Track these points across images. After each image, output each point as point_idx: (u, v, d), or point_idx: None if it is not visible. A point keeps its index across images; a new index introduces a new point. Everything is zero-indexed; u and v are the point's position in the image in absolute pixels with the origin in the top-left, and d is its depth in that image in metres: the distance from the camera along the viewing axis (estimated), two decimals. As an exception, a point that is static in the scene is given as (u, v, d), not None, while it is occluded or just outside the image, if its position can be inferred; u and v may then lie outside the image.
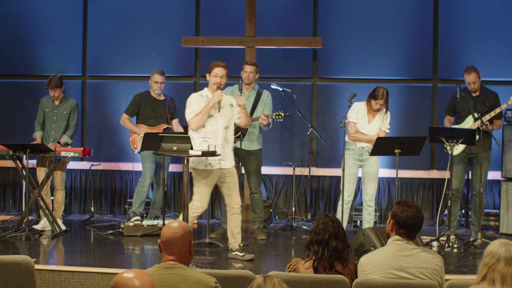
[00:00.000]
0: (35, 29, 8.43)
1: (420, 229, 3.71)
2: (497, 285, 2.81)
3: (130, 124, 7.44)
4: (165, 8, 8.32)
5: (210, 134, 5.71)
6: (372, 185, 6.52)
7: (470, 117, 6.74)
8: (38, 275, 4.86)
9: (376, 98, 6.44)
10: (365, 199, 6.56)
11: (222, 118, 5.75)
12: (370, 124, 6.54)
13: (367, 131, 6.51)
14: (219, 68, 5.78)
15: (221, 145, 5.70)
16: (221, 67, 5.80)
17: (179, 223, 3.24)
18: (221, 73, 5.77)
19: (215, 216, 8.20)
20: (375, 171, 6.54)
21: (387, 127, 6.60)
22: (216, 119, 5.74)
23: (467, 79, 6.78)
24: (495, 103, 6.79)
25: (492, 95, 6.87)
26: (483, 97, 6.81)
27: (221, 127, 5.74)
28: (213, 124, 5.73)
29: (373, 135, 6.51)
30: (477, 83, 6.78)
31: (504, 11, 7.87)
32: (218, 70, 5.78)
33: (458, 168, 6.72)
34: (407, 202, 3.68)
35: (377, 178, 6.58)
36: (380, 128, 6.56)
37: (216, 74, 5.76)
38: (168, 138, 5.61)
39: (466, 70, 6.80)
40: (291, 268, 3.84)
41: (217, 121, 5.74)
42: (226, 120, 5.77)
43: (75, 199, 8.45)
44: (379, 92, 6.44)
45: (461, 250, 6.29)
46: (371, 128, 6.53)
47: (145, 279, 2.48)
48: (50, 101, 7.30)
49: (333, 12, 8.13)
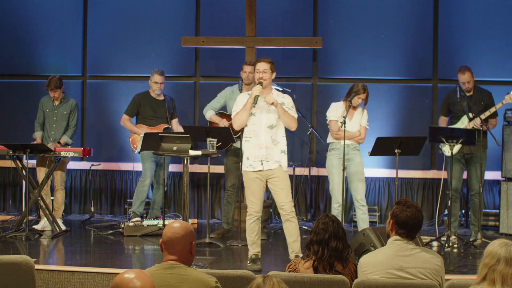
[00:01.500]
0: (35, 29, 8.43)
1: (420, 229, 3.71)
2: (497, 285, 2.80)
3: (131, 124, 7.44)
4: (165, 8, 8.32)
5: (252, 134, 5.48)
6: (360, 184, 6.52)
7: (465, 117, 6.73)
8: (38, 275, 4.86)
9: (358, 93, 6.46)
10: (357, 199, 6.52)
11: (266, 117, 5.46)
12: (350, 121, 6.57)
13: (349, 128, 6.53)
14: (259, 63, 5.47)
15: (264, 145, 5.43)
16: (262, 62, 5.47)
17: (180, 223, 3.24)
18: (262, 68, 5.45)
19: (215, 216, 8.20)
20: (362, 170, 6.55)
21: (366, 124, 6.64)
22: (259, 117, 5.47)
23: (461, 78, 6.77)
24: (489, 102, 6.79)
25: (486, 94, 6.87)
26: (477, 97, 6.81)
27: (264, 126, 5.45)
28: (255, 123, 5.47)
29: (355, 131, 6.55)
30: (471, 83, 6.78)
31: (504, 11, 7.87)
32: (259, 65, 5.46)
33: (456, 168, 6.72)
34: (406, 202, 3.68)
35: (364, 178, 6.59)
36: (361, 125, 6.59)
37: (257, 70, 5.47)
38: (168, 138, 5.61)
39: (460, 70, 6.80)
40: (291, 268, 3.85)
41: (260, 120, 5.46)
42: (271, 119, 5.46)
43: (75, 199, 8.45)
44: (359, 87, 6.47)
45: (461, 250, 6.29)
46: (352, 125, 6.57)
47: (146, 280, 2.48)
48: (50, 101, 7.30)
49: (333, 12, 8.13)
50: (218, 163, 7.82)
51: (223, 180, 7.87)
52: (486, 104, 6.76)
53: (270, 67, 5.46)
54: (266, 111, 5.46)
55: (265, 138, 5.44)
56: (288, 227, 5.46)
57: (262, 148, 5.42)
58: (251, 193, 5.48)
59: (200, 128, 6.71)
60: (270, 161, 5.44)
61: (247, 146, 5.49)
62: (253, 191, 5.47)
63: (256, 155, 5.44)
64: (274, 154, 5.45)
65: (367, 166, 6.80)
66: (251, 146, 5.46)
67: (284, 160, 5.50)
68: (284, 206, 5.45)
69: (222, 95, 7.14)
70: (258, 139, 5.43)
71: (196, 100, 8.31)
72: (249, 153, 5.48)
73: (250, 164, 5.47)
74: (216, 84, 7.91)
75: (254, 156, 5.44)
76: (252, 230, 5.49)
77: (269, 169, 5.44)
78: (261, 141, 5.43)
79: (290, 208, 5.45)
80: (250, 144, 5.47)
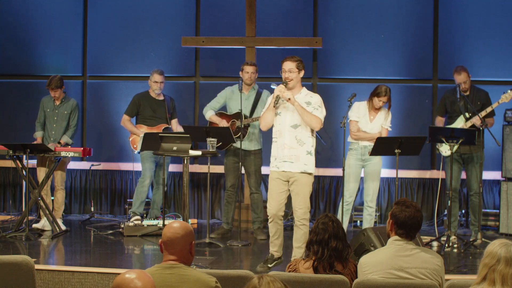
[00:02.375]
0: (35, 29, 8.43)
1: (419, 229, 3.71)
2: (498, 285, 2.80)
3: (131, 125, 7.44)
4: (165, 8, 8.32)
5: (277, 134, 5.37)
6: (373, 184, 6.50)
7: (462, 117, 6.73)
8: (38, 275, 4.86)
9: (379, 96, 6.44)
10: (366, 200, 6.55)
11: (290, 116, 5.31)
12: (371, 123, 6.53)
13: (368, 130, 6.51)
14: (285, 62, 5.33)
15: (288, 145, 5.30)
16: (288, 61, 5.33)
17: (180, 223, 3.24)
18: (287, 68, 5.31)
19: (215, 216, 8.20)
20: (378, 170, 6.53)
21: (388, 125, 6.59)
22: (283, 117, 5.34)
23: (457, 79, 6.77)
24: (486, 102, 6.79)
25: (483, 94, 6.87)
26: (474, 96, 6.81)
27: (287, 125, 5.31)
28: (280, 123, 5.34)
29: (375, 133, 6.50)
30: (468, 83, 6.78)
31: (504, 11, 7.87)
32: (285, 64, 5.33)
33: (453, 168, 6.72)
34: (405, 202, 3.67)
35: (379, 178, 6.57)
36: (382, 126, 6.54)
37: (283, 69, 5.34)
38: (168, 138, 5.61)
39: (456, 71, 6.80)
40: (291, 268, 3.85)
41: (285, 120, 5.33)
42: (295, 119, 5.30)
43: (75, 199, 8.45)
44: (381, 89, 6.44)
45: (461, 250, 6.29)
46: (372, 126, 6.53)
47: (147, 280, 2.48)
48: (51, 101, 7.30)
49: (333, 12, 8.13)
50: (218, 163, 7.81)
51: (223, 180, 7.87)
52: (483, 103, 6.76)
53: (297, 66, 5.32)
54: (290, 111, 5.32)
55: (289, 138, 5.30)
56: (296, 232, 5.35)
57: (286, 148, 5.30)
58: (269, 193, 5.43)
59: (200, 128, 6.71)
60: (294, 163, 5.30)
61: (274, 147, 5.41)
62: (270, 191, 5.41)
63: (281, 155, 5.33)
64: (299, 155, 5.29)
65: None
66: (277, 146, 5.38)
67: (310, 162, 5.33)
68: (297, 211, 5.33)
69: (222, 95, 7.14)
70: (282, 139, 5.33)
71: (196, 100, 8.31)
72: (275, 154, 5.39)
73: (275, 164, 5.36)
74: (216, 84, 7.91)
75: (279, 156, 5.34)
76: (270, 230, 5.45)
77: (291, 171, 5.30)
78: (285, 141, 5.31)
79: (302, 215, 5.30)
80: (276, 145, 5.38)
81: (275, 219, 5.38)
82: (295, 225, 5.38)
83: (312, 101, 5.37)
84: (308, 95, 5.43)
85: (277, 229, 5.41)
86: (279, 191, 5.35)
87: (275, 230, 5.41)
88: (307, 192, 5.34)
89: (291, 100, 5.25)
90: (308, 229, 5.34)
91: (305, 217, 5.32)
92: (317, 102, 5.39)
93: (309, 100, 5.36)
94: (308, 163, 5.32)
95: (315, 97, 5.43)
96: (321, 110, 5.38)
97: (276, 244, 5.45)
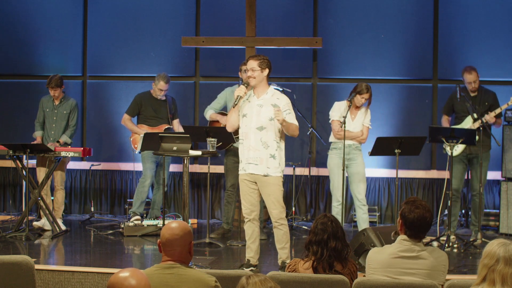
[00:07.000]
0: (35, 29, 8.43)
1: (428, 229, 3.67)
2: (498, 285, 2.80)
3: (131, 124, 7.44)
4: (165, 8, 8.32)
5: (243, 135, 5.27)
6: (362, 185, 6.52)
7: (469, 117, 6.73)
8: (38, 275, 4.86)
9: (361, 93, 6.46)
10: (358, 199, 6.52)
11: (256, 118, 5.20)
12: (353, 121, 6.57)
13: (351, 128, 6.52)
14: (248, 62, 5.26)
15: (252, 147, 5.20)
16: (250, 60, 5.24)
17: (178, 223, 3.24)
18: (250, 67, 5.22)
19: (215, 216, 8.21)
20: (363, 171, 6.55)
21: (369, 123, 6.62)
22: (249, 119, 5.23)
23: (467, 78, 6.77)
24: (494, 103, 6.79)
25: (491, 95, 6.87)
26: (482, 97, 6.82)
27: (253, 127, 5.20)
28: (246, 125, 5.24)
29: (358, 131, 6.54)
30: (477, 83, 6.79)
31: (504, 11, 7.86)
32: (248, 64, 5.26)
33: (458, 168, 6.72)
34: (415, 202, 3.62)
35: (365, 178, 6.59)
36: (363, 125, 6.58)
37: (246, 69, 5.29)
38: (168, 138, 5.61)
39: (466, 70, 6.80)
40: (291, 269, 3.84)
41: (250, 121, 5.22)
42: (262, 121, 5.18)
43: (75, 199, 8.45)
44: (362, 86, 6.47)
45: (461, 250, 6.29)
46: (355, 125, 6.56)
47: (141, 278, 2.48)
48: (50, 101, 7.30)
49: (333, 12, 8.12)
50: (218, 163, 7.82)
51: (223, 180, 7.87)
52: (490, 104, 6.76)
53: (259, 64, 5.17)
54: (256, 113, 5.22)
55: (254, 140, 5.20)
56: (276, 234, 5.30)
57: (251, 150, 5.21)
58: (241, 195, 5.41)
59: (200, 128, 6.71)
60: (258, 165, 5.21)
61: (240, 148, 5.35)
62: (242, 193, 5.38)
63: (246, 157, 5.27)
64: (263, 158, 5.19)
65: (367, 166, 6.79)
66: (242, 148, 5.31)
67: (272, 165, 5.20)
68: (272, 213, 5.26)
69: (222, 96, 7.13)
70: (248, 141, 5.24)
71: (196, 100, 8.31)
72: (241, 156, 5.34)
73: (242, 166, 5.31)
74: (216, 84, 7.91)
75: (245, 158, 5.28)
76: (246, 233, 5.41)
77: (255, 173, 5.23)
78: (250, 143, 5.22)
79: (277, 215, 5.23)
80: (242, 146, 5.32)
81: (250, 220, 5.34)
82: (274, 226, 5.32)
83: (279, 103, 5.22)
84: (275, 96, 5.29)
85: (253, 230, 5.35)
86: (249, 192, 5.30)
87: (251, 231, 5.35)
88: (277, 192, 5.24)
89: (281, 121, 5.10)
90: (287, 228, 5.32)
91: (281, 216, 5.26)
92: (286, 105, 5.25)
93: (275, 102, 5.22)
94: (271, 167, 5.20)
95: (282, 99, 5.28)
96: (293, 114, 5.27)
97: (252, 249, 5.37)
